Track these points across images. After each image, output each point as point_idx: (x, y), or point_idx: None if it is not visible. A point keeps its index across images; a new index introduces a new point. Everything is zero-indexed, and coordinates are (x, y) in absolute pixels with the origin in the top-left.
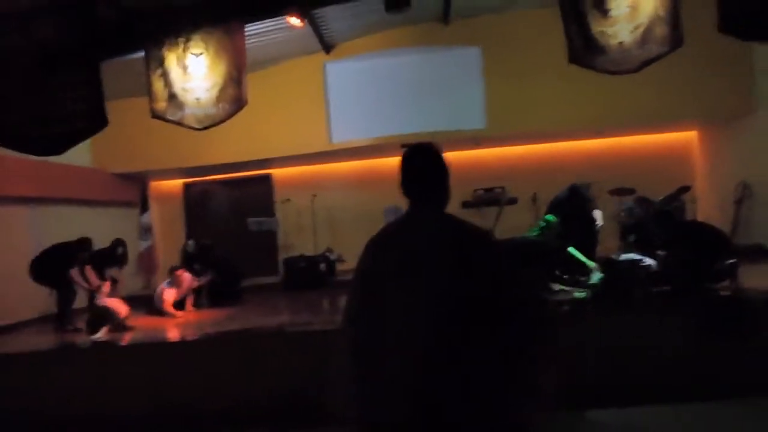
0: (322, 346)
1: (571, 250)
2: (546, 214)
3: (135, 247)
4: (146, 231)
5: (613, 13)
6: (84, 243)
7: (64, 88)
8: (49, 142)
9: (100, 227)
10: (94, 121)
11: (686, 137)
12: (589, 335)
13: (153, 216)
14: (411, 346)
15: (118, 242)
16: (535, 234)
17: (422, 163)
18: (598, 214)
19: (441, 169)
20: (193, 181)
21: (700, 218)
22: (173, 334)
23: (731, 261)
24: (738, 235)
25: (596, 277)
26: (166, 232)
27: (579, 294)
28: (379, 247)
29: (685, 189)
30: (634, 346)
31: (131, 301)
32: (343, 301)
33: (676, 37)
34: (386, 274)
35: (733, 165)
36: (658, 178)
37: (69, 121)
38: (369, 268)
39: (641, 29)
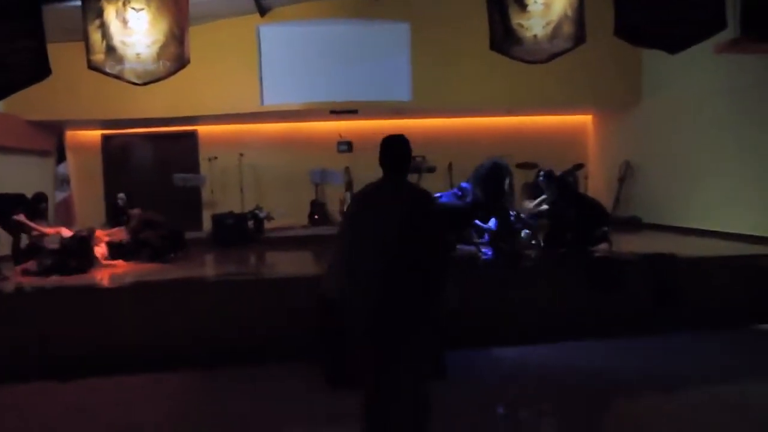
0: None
1: (477, 222)
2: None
3: (51, 198)
4: (63, 182)
5: (530, 8)
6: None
7: (5, 37)
8: None
9: (13, 175)
10: (35, 71)
11: (582, 120)
12: (490, 286)
13: (70, 167)
14: (380, 256)
15: (41, 197)
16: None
17: (393, 147)
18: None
19: (406, 151)
20: (112, 133)
21: (590, 193)
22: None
23: (605, 229)
24: (619, 209)
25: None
26: (83, 183)
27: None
28: (364, 196)
29: (580, 166)
30: (525, 296)
31: None
32: (268, 257)
33: (579, 35)
34: (367, 213)
35: (619, 147)
36: (557, 155)
37: (10, 69)
38: (357, 209)
39: (552, 25)
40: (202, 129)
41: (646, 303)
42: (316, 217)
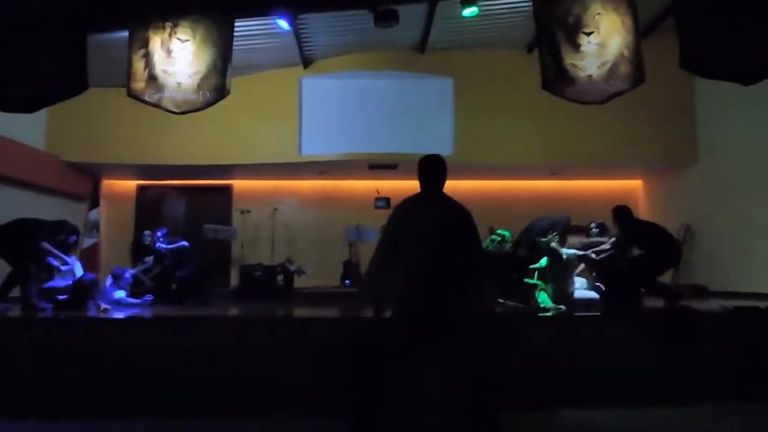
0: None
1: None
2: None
3: (80, 243)
4: (93, 228)
5: (584, 48)
6: (64, 225)
7: (43, 49)
8: (21, 100)
9: (45, 215)
10: (72, 85)
11: (632, 185)
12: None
13: (102, 214)
14: (418, 264)
15: (74, 229)
16: (488, 247)
17: (433, 163)
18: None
19: (443, 167)
20: (147, 184)
21: None
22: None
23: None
24: (679, 277)
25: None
26: (113, 232)
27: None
28: (406, 207)
29: None
30: (590, 353)
31: None
32: (297, 311)
33: (638, 75)
34: (408, 223)
35: (675, 210)
36: (606, 221)
37: (46, 81)
38: (398, 219)
39: (608, 65)
40: (237, 183)
41: (733, 363)
42: (347, 280)
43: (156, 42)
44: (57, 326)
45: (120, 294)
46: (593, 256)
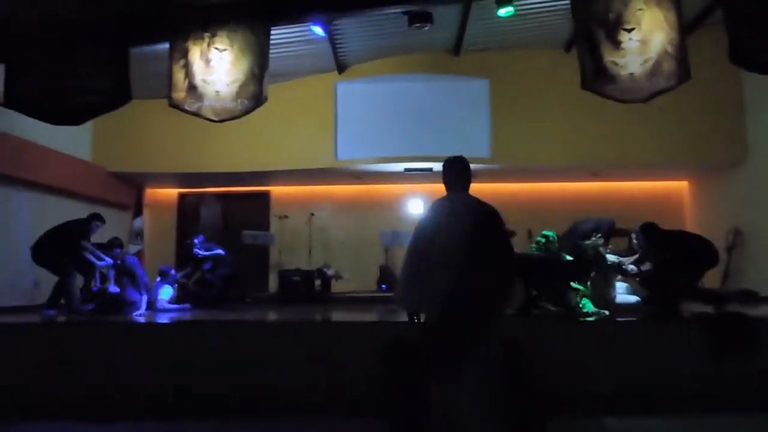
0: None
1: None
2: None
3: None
4: (137, 236)
5: (624, 45)
6: (96, 217)
7: (87, 62)
8: (68, 112)
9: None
10: (115, 96)
11: (677, 186)
12: (598, 345)
13: (146, 222)
14: (448, 266)
15: (116, 242)
16: (535, 249)
17: (458, 165)
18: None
19: (467, 168)
20: (188, 192)
21: None
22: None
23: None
24: (729, 282)
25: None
26: (156, 239)
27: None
28: (435, 209)
29: None
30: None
31: None
32: (335, 315)
33: (682, 72)
34: (437, 225)
35: (723, 212)
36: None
37: (90, 94)
38: (428, 221)
39: (650, 63)
40: (274, 189)
41: None
42: (384, 285)
43: (195, 52)
44: (90, 330)
45: (167, 291)
46: (633, 268)
